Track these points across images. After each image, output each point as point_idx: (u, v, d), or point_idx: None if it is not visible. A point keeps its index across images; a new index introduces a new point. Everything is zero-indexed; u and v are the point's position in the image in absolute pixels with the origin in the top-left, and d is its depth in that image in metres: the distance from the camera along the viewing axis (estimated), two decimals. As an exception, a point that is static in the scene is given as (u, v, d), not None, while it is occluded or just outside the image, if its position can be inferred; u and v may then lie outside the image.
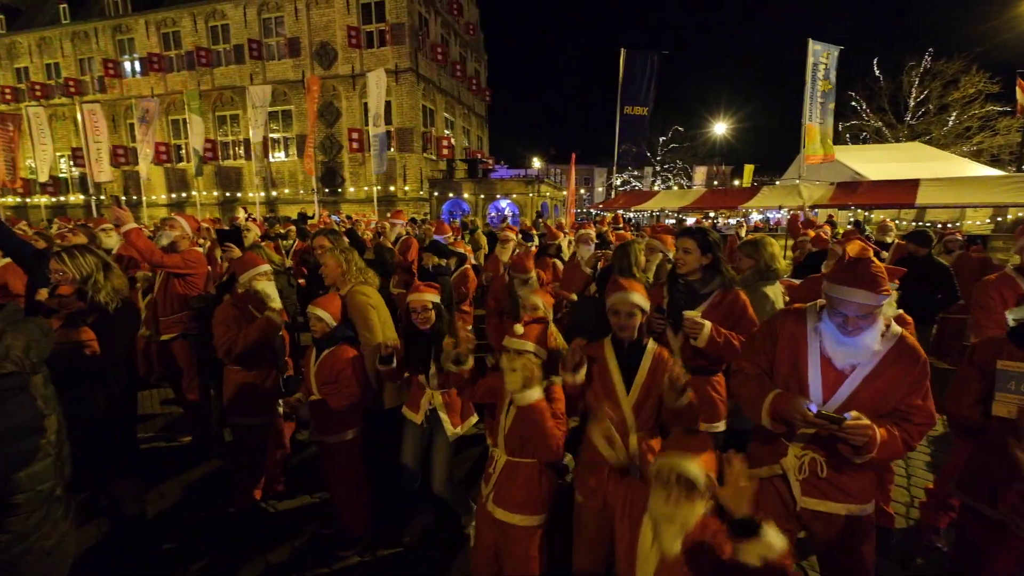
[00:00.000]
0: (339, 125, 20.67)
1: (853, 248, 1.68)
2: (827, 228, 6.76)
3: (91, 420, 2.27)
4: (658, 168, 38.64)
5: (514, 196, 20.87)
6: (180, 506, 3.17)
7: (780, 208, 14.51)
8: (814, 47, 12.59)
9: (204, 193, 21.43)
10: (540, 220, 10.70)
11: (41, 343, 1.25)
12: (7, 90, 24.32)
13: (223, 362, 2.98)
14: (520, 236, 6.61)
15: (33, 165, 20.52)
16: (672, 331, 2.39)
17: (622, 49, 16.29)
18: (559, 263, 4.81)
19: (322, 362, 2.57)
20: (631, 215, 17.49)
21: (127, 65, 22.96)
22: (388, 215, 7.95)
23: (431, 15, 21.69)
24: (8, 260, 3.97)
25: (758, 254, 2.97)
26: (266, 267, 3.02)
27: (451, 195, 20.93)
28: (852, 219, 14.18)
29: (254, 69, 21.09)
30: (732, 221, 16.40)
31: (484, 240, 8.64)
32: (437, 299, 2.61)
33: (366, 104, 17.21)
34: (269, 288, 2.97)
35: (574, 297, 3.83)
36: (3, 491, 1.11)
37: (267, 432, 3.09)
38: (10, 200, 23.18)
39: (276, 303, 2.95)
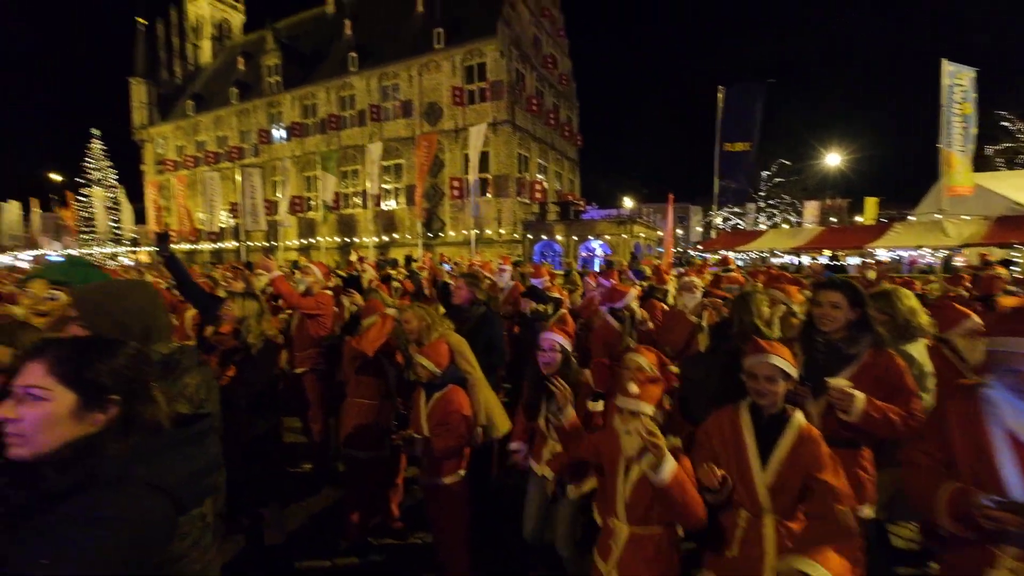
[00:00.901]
0: (442, 175, 22.49)
1: (1009, 301, 1.45)
2: (1000, 269, 5.70)
3: (237, 448, 2.61)
4: (762, 204, 35.91)
5: (607, 237, 20.73)
6: (300, 532, 3.42)
7: (919, 248, 12.67)
8: (948, 68, 11.22)
9: (327, 239, 24.41)
10: (636, 261, 10.45)
11: (210, 383, 1.48)
12: (189, 158, 30.54)
13: (345, 395, 3.28)
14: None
15: (203, 217, 25.38)
16: (812, 397, 2.08)
17: (719, 87, 15.85)
18: (664, 306, 4.65)
19: (435, 404, 2.67)
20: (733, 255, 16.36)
21: (275, 133, 27.63)
22: (499, 261, 8.16)
23: (527, 70, 23.17)
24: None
25: (893, 308, 2.54)
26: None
27: (543, 237, 21.40)
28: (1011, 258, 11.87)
29: (373, 130, 24.03)
30: (857, 260, 14.54)
31: (579, 280, 8.58)
32: (567, 343, 2.54)
33: (467, 155, 18.59)
34: None
35: (675, 370, 3.66)
36: None
37: (378, 466, 3.24)
38: (185, 246, 28.37)
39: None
